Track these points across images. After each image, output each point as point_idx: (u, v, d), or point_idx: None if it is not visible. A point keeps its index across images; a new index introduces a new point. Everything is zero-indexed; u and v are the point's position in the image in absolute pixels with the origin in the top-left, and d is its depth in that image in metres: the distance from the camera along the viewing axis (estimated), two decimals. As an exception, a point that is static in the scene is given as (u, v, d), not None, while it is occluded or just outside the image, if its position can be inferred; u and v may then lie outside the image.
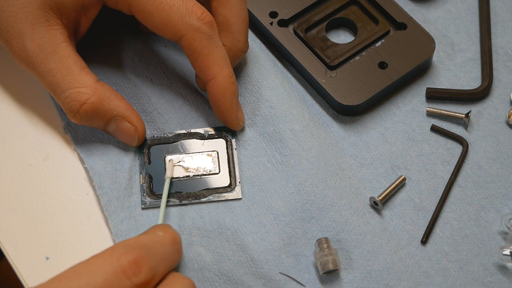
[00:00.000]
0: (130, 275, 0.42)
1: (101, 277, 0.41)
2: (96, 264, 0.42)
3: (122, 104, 0.53)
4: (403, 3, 0.63)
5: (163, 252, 0.45)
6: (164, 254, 0.45)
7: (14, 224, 0.53)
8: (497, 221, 0.54)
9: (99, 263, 0.42)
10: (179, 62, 0.59)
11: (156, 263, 0.44)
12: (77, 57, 0.53)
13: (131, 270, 0.42)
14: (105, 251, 0.43)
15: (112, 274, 0.42)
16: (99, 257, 0.43)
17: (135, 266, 0.42)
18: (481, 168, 0.56)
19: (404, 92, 0.59)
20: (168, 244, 0.46)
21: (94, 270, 0.42)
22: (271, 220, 0.53)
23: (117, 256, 0.42)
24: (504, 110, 0.58)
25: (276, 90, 0.57)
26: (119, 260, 0.42)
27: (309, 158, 0.55)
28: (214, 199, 0.53)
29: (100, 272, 0.42)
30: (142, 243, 0.44)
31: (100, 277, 0.41)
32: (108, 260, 0.42)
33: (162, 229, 0.47)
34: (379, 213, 0.54)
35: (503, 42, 0.61)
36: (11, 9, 0.52)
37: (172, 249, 0.46)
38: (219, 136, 0.56)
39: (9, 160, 0.56)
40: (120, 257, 0.42)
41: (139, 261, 0.42)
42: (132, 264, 0.42)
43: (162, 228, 0.47)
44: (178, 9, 0.51)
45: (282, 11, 0.61)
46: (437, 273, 0.52)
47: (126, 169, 0.54)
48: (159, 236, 0.46)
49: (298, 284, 0.51)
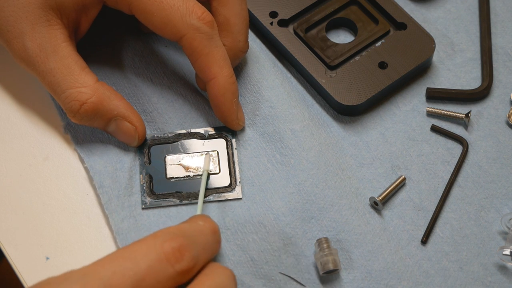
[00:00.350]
0: (173, 262, 0.42)
1: (144, 263, 0.41)
2: (139, 250, 0.42)
3: (122, 104, 0.53)
4: (403, 3, 0.63)
5: (204, 242, 0.45)
6: (205, 244, 0.45)
7: (14, 224, 0.53)
8: (497, 221, 0.54)
9: (142, 249, 0.42)
10: (179, 62, 0.59)
11: (197, 251, 0.43)
12: (77, 57, 0.53)
13: (174, 257, 0.42)
14: (148, 237, 0.43)
15: (156, 260, 0.42)
16: (143, 242, 0.43)
17: (178, 253, 0.42)
18: (481, 168, 0.56)
19: (404, 92, 0.59)
20: (209, 234, 0.46)
21: (138, 255, 0.42)
22: (271, 220, 0.53)
23: (160, 242, 0.42)
24: (504, 110, 0.58)
25: (276, 90, 0.57)
26: (162, 247, 0.42)
27: (309, 158, 0.55)
28: (214, 199, 0.53)
29: (143, 258, 0.41)
30: (184, 231, 0.44)
31: (144, 262, 0.41)
32: (151, 246, 0.42)
33: (203, 219, 0.47)
34: (379, 213, 0.54)
35: (503, 42, 0.61)
36: (11, 9, 0.52)
37: (212, 239, 0.46)
38: (219, 136, 0.56)
39: (9, 160, 0.56)
40: (163, 243, 0.42)
41: (182, 248, 0.42)
42: (176, 251, 0.42)
43: (202, 218, 0.47)
44: (179, 9, 0.51)
45: (282, 11, 0.61)
46: (437, 273, 0.52)
47: (127, 169, 0.54)
48: (200, 226, 0.46)
49: (298, 284, 0.51)
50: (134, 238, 0.51)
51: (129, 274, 0.41)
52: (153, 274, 0.41)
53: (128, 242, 0.51)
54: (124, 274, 0.41)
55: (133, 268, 0.41)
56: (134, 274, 0.41)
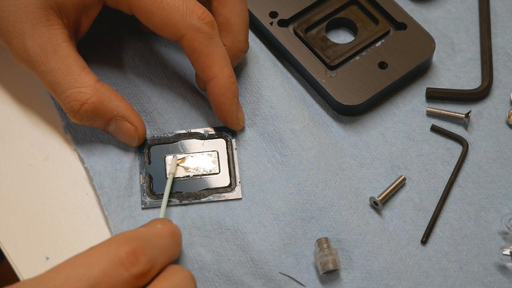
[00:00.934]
0: (128, 266, 0.42)
1: (98, 268, 0.41)
2: (93, 255, 0.42)
3: (122, 104, 0.53)
4: (403, 3, 0.63)
5: (161, 244, 0.45)
6: (163, 246, 0.45)
7: (14, 224, 0.53)
8: (497, 221, 0.54)
9: (96, 254, 0.42)
10: (179, 62, 0.59)
11: (154, 254, 0.43)
12: (77, 57, 0.53)
13: (129, 261, 0.42)
14: (102, 243, 0.43)
15: (110, 265, 0.41)
16: (97, 248, 0.43)
17: (133, 257, 0.42)
18: (481, 168, 0.56)
19: (404, 92, 0.59)
20: (167, 237, 0.46)
21: (92, 260, 0.41)
22: (271, 220, 0.53)
23: (114, 246, 0.42)
24: (504, 110, 0.58)
25: (276, 90, 0.57)
26: (116, 251, 0.42)
27: (309, 158, 0.55)
28: (214, 199, 0.53)
29: (97, 263, 0.41)
30: (140, 235, 0.44)
31: (98, 267, 0.41)
32: (105, 251, 0.42)
33: (161, 222, 0.47)
34: (379, 213, 0.54)
35: (503, 42, 0.61)
36: (11, 9, 0.52)
37: (171, 241, 0.46)
38: (219, 136, 0.56)
39: (9, 160, 0.56)
40: (117, 247, 0.42)
41: (137, 252, 0.42)
42: (130, 255, 0.42)
43: (161, 222, 0.47)
44: (179, 8, 0.51)
45: (282, 11, 0.61)
46: (437, 273, 0.52)
47: (126, 169, 0.54)
48: (157, 229, 0.46)
49: (298, 284, 0.51)
50: (134, 238, 0.52)
51: (83, 279, 0.41)
52: (108, 279, 0.41)
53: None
54: (78, 279, 0.40)
55: (87, 274, 0.41)
56: (88, 279, 0.41)
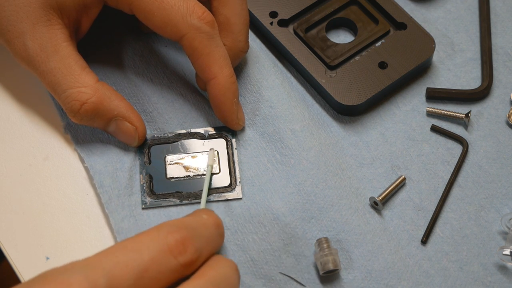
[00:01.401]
0: (176, 254, 0.42)
1: (148, 254, 0.41)
2: (143, 241, 0.42)
3: (122, 104, 0.53)
4: (403, 3, 0.63)
5: (207, 235, 0.45)
6: (208, 237, 0.45)
7: (14, 224, 0.53)
8: (497, 221, 0.54)
9: (146, 240, 0.42)
10: (179, 62, 0.59)
11: (201, 244, 0.43)
12: (78, 57, 0.53)
13: (177, 249, 0.42)
14: (152, 229, 0.43)
15: (159, 252, 0.41)
16: (146, 234, 0.42)
17: (182, 246, 0.42)
18: (481, 168, 0.56)
19: (404, 92, 0.59)
20: (213, 227, 0.46)
21: (141, 246, 0.41)
22: (271, 220, 0.53)
23: (164, 234, 0.42)
24: (504, 110, 0.58)
25: (276, 90, 0.57)
26: (166, 239, 0.42)
27: (309, 158, 0.55)
28: (214, 199, 0.53)
29: (147, 249, 0.41)
30: (188, 224, 0.44)
31: (147, 254, 0.41)
32: (155, 238, 0.42)
33: (206, 213, 0.47)
34: (379, 213, 0.54)
35: (503, 42, 0.61)
36: (12, 8, 0.52)
37: (216, 232, 0.46)
38: (219, 136, 0.56)
39: (9, 160, 0.56)
40: (167, 235, 0.42)
41: (186, 241, 0.42)
42: (179, 244, 0.42)
43: (206, 212, 0.47)
44: (179, 8, 0.51)
45: (282, 11, 0.61)
46: (437, 273, 0.52)
47: (127, 169, 0.54)
48: (204, 219, 0.46)
49: (298, 284, 0.51)
50: (134, 238, 0.52)
51: (132, 265, 0.40)
52: (156, 266, 0.41)
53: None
54: (127, 265, 0.40)
55: (136, 259, 0.41)
56: (137, 265, 0.41)
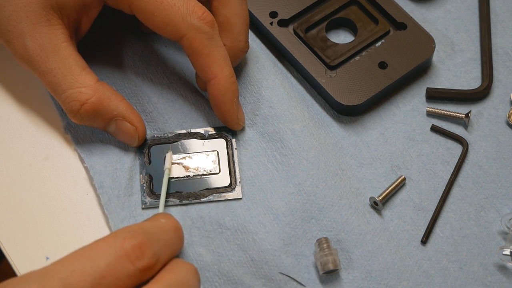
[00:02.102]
0: (134, 259, 0.42)
1: (104, 261, 0.41)
2: (99, 248, 0.42)
3: (122, 105, 0.53)
4: (403, 3, 0.63)
5: (166, 239, 0.45)
6: (167, 241, 0.45)
7: (14, 224, 0.53)
8: (497, 221, 0.54)
9: (102, 247, 0.42)
10: (179, 62, 0.59)
11: (159, 248, 0.43)
12: (78, 57, 0.53)
13: (134, 255, 0.42)
14: (108, 236, 0.43)
15: (116, 258, 0.41)
16: (102, 241, 0.42)
17: (139, 251, 0.42)
18: (481, 168, 0.56)
19: (404, 92, 0.59)
20: (171, 231, 0.45)
21: (97, 253, 0.41)
22: (271, 220, 0.53)
23: (120, 240, 0.42)
24: (504, 110, 0.58)
25: (276, 90, 0.57)
26: (122, 244, 0.42)
27: (309, 158, 0.55)
28: (214, 199, 0.53)
29: (103, 256, 0.41)
30: (145, 229, 0.44)
31: (103, 260, 0.41)
32: (111, 244, 0.42)
33: (164, 217, 0.46)
34: (379, 213, 0.54)
35: (503, 42, 0.61)
36: (12, 9, 0.52)
37: (174, 236, 0.46)
38: (219, 136, 0.56)
39: (9, 160, 0.56)
40: (123, 241, 0.42)
41: (143, 245, 0.42)
42: (136, 249, 0.42)
43: (163, 216, 0.47)
44: (179, 8, 0.51)
45: (282, 11, 0.61)
46: (437, 273, 0.52)
47: (127, 169, 0.54)
48: (161, 223, 0.46)
49: (298, 284, 0.51)
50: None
51: (89, 272, 0.40)
52: (113, 272, 0.41)
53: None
54: (83, 272, 0.40)
55: (93, 266, 0.41)
56: (94, 272, 0.41)
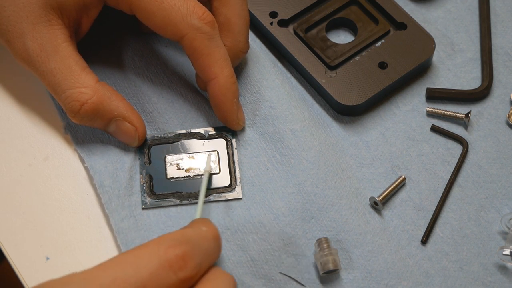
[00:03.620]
0: (177, 270, 0.41)
1: (147, 269, 0.40)
2: (142, 256, 0.41)
3: (122, 105, 0.53)
4: (403, 3, 0.63)
5: (207, 248, 0.44)
6: (207, 250, 0.44)
7: (14, 224, 0.53)
8: (497, 221, 0.54)
9: (145, 255, 0.41)
10: (179, 62, 0.59)
11: (201, 258, 0.43)
12: (78, 57, 0.53)
13: (177, 265, 0.41)
14: (151, 242, 0.42)
15: (159, 267, 0.41)
16: (146, 248, 0.42)
17: (182, 261, 0.41)
18: (481, 168, 0.56)
19: (404, 92, 0.59)
20: (211, 240, 0.45)
21: (140, 261, 0.41)
22: (271, 220, 0.53)
23: (164, 248, 0.41)
24: (504, 110, 0.58)
25: (276, 90, 0.57)
26: (166, 254, 0.41)
27: (309, 158, 0.55)
28: (214, 199, 0.53)
29: (146, 264, 0.41)
30: (188, 238, 0.43)
31: (146, 269, 0.40)
32: (155, 252, 0.41)
33: (205, 224, 0.46)
34: (379, 213, 0.54)
35: (503, 42, 0.61)
36: (12, 9, 0.52)
37: (214, 245, 0.45)
38: (219, 136, 0.56)
39: (9, 160, 0.56)
40: (167, 250, 0.41)
41: (186, 256, 0.42)
42: (179, 259, 0.41)
43: (205, 223, 0.46)
44: (179, 8, 0.51)
45: (282, 11, 0.61)
46: (437, 273, 0.52)
47: (127, 169, 0.54)
48: (203, 232, 0.45)
49: (298, 284, 0.51)
50: (134, 237, 0.52)
51: (131, 281, 0.40)
52: (155, 281, 0.40)
53: (129, 241, 0.51)
54: (125, 280, 0.40)
55: (135, 275, 0.40)
56: (136, 281, 0.40)
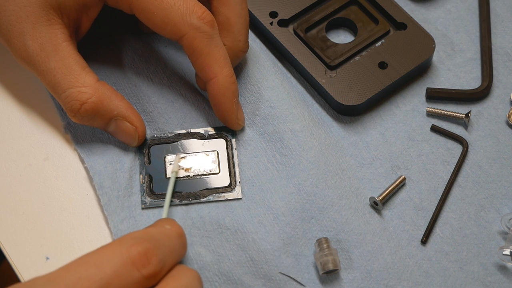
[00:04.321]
0: (140, 267, 0.42)
1: (110, 268, 0.41)
2: (105, 254, 0.42)
3: (122, 104, 0.53)
4: (403, 3, 0.63)
5: (171, 245, 0.45)
6: (171, 247, 0.45)
7: (14, 224, 0.53)
8: (497, 221, 0.54)
9: (108, 254, 0.42)
10: (179, 62, 0.59)
11: (164, 255, 0.43)
12: (78, 57, 0.53)
13: (140, 262, 0.42)
14: (114, 242, 0.43)
15: (122, 265, 0.41)
16: (108, 247, 0.42)
17: (145, 258, 0.42)
18: (481, 168, 0.56)
19: (404, 92, 0.59)
20: (175, 238, 0.46)
21: (103, 260, 0.41)
22: (271, 220, 0.53)
23: (126, 247, 0.42)
24: (504, 110, 0.58)
25: (276, 90, 0.57)
26: (128, 251, 0.42)
27: (309, 158, 0.55)
28: (214, 199, 0.53)
29: (109, 262, 0.41)
30: (151, 235, 0.44)
31: (110, 267, 0.41)
32: (117, 251, 0.42)
33: (169, 223, 0.47)
34: (379, 213, 0.54)
35: (503, 42, 0.61)
36: (12, 8, 0.52)
37: (178, 242, 0.46)
38: (219, 136, 0.56)
39: (9, 160, 0.56)
40: (129, 248, 0.42)
41: (149, 252, 0.42)
42: (142, 256, 0.42)
43: (168, 222, 0.47)
44: (179, 8, 0.51)
45: (282, 11, 0.61)
46: (437, 273, 0.52)
47: (126, 169, 0.54)
48: (166, 229, 0.46)
49: (298, 284, 0.51)
50: (134, 238, 0.52)
51: (95, 279, 0.40)
52: (119, 279, 0.41)
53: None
54: (89, 279, 0.40)
55: (99, 273, 0.41)
56: (100, 279, 0.40)
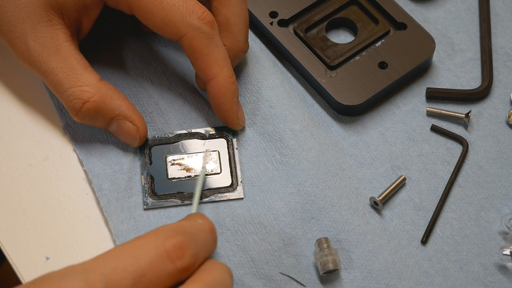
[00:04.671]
0: (174, 259, 0.42)
1: (145, 259, 0.41)
2: (140, 246, 0.42)
3: (124, 104, 0.53)
4: (403, 3, 0.63)
5: (203, 239, 0.45)
6: (204, 241, 0.45)
7: (14, 224, 0.53)
8: (497, 221, 0.54)
9: (144, 245, 0.42)
10: (179, 62, 0.59)
11: (197, 249, 0.43)
12: (79, 56, 0.53)
13: (175, 254, 0.42)
14: (149, 233, 0.43)
15: (157, 256, 0.42)
16: (144, 238, 0.43)
17: (179, 250, 0.42)
18: (481, 168, 0.56)
19: (404, 92, 0.59)
20: (208, 232, 0.46)
21: (139, 251, 0.42)
22: (271, 221, 0.53)
23: (162, 239, 0.42)
24: (504, 110, 0.58)
25: (276, 90, 0.57)
26: (164, 243, 0.42)
27: (309, 158, 0.55)
28: (216, 199, 0.53)
29: (144, 254, 0.41)
30: (185, 229, 0.44)
31: (145, 258, 0.41)
32: (153, 242, 0.42)
33: (201, 218, 0.47)
34: (379, 213, 0.54)
35: (503, 42, 0.61)
36: (13, 9, 0.52)
37: (210, 237, 0.46)
38: (220, 136, 0.56)
39: (9, 160, 0.56)
40: (165, 240, 0.42)
41: (183, 245, 0.42)
42: (177, 248, 0.42)
43: (200, 217, 0.47)
44: (179, 8, 0.51)
45: (282, 11, 0.61)
46: (437, 273, 0.52)
47: (125, 171, 0.54)
48: (199, 224, 0.46)
49: (299, 284, 0.51)
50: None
51: (130, 269, 0.41)
52: (154, 270, 0.41)
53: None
54: (125, 269, 0.41)
55: (134, 264, 0.41)
56: (135, 270, 0.41)
